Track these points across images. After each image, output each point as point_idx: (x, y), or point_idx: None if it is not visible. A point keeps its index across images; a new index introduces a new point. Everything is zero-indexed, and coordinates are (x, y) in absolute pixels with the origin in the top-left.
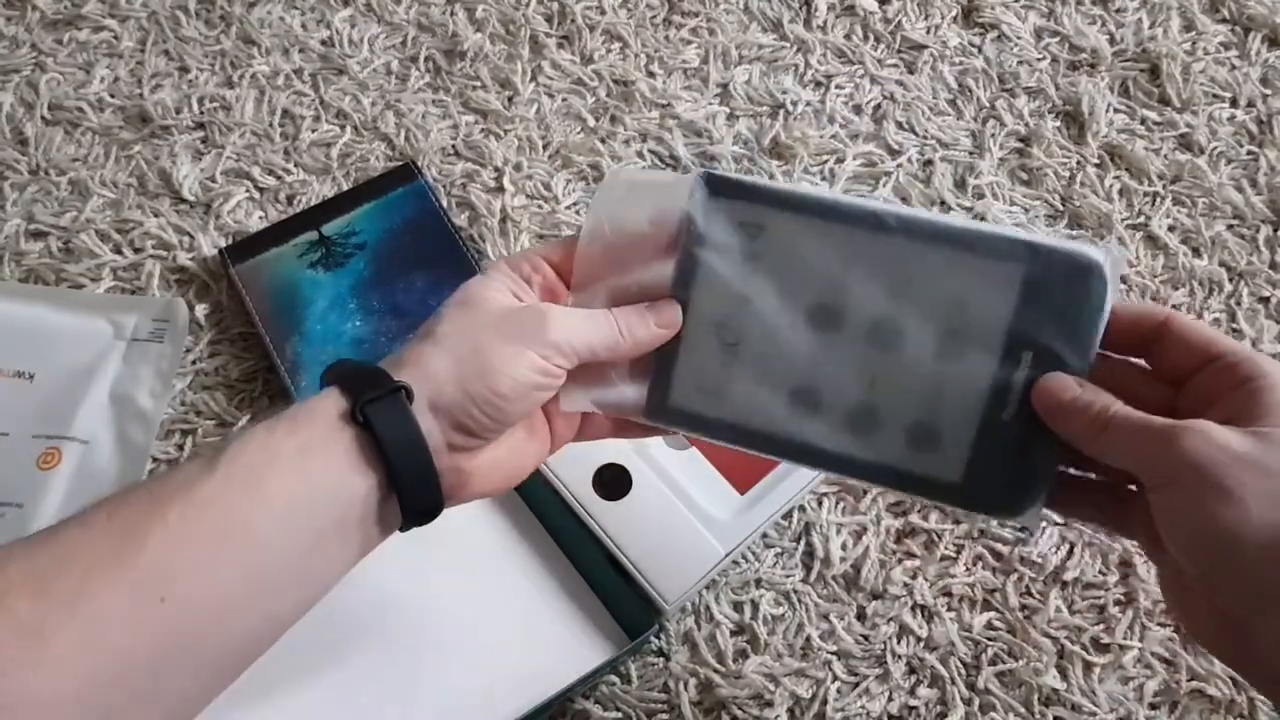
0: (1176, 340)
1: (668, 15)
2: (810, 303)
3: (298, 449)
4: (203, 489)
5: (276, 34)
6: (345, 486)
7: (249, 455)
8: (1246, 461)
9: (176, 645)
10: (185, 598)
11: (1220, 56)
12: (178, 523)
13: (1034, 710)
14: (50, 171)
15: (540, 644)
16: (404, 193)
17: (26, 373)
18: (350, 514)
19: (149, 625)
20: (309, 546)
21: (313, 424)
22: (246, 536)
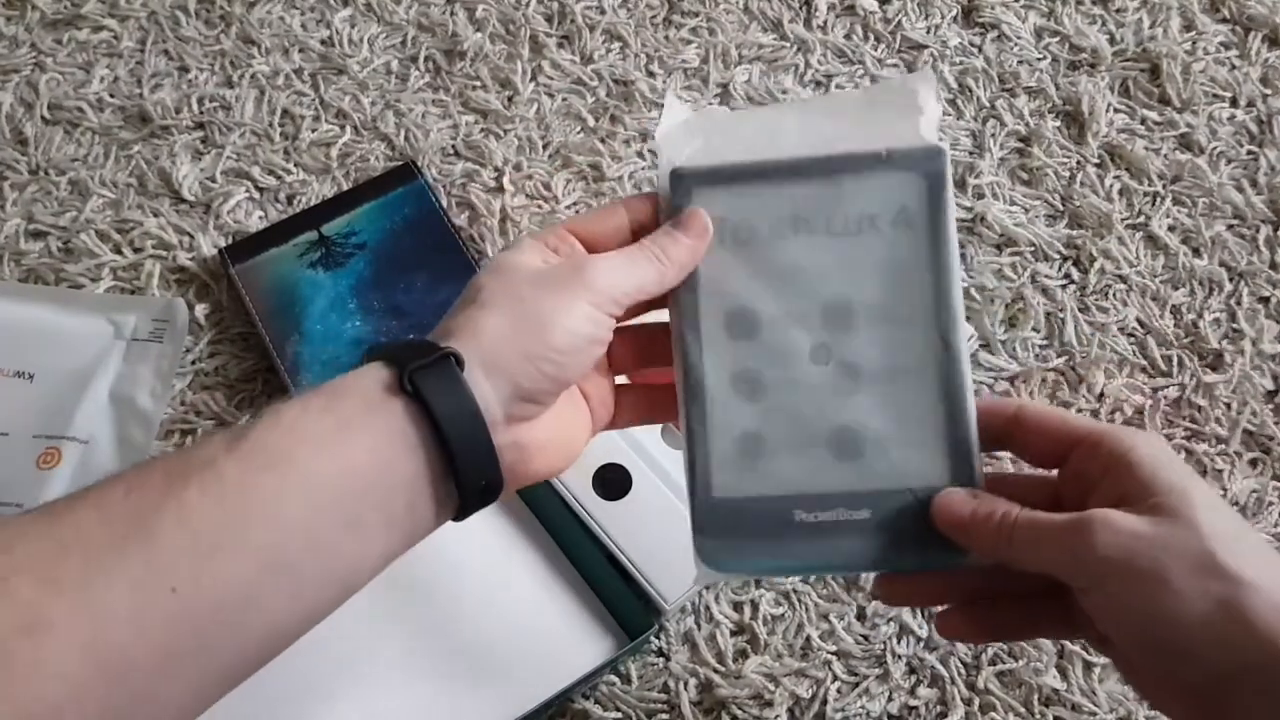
0: (1033, 431)
1: (668, 15)
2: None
3: (336, 425)
4: (225, 468)
5: (276, 34)
6: (391, 467)
7: (279, 433)
8: (1161, 543)
9: (188, 639)
10: (197, 589)
11: (1220, 56)
12: (195, 504)
13: (1034, 710)
14: (50, 171)
15: (540, 643)
16: (404, 193)
17: (26, 373)
18: (396, 498)
19: (158, 618)
20: (344, 534)
21: (352, 398)
22: (270, 521)
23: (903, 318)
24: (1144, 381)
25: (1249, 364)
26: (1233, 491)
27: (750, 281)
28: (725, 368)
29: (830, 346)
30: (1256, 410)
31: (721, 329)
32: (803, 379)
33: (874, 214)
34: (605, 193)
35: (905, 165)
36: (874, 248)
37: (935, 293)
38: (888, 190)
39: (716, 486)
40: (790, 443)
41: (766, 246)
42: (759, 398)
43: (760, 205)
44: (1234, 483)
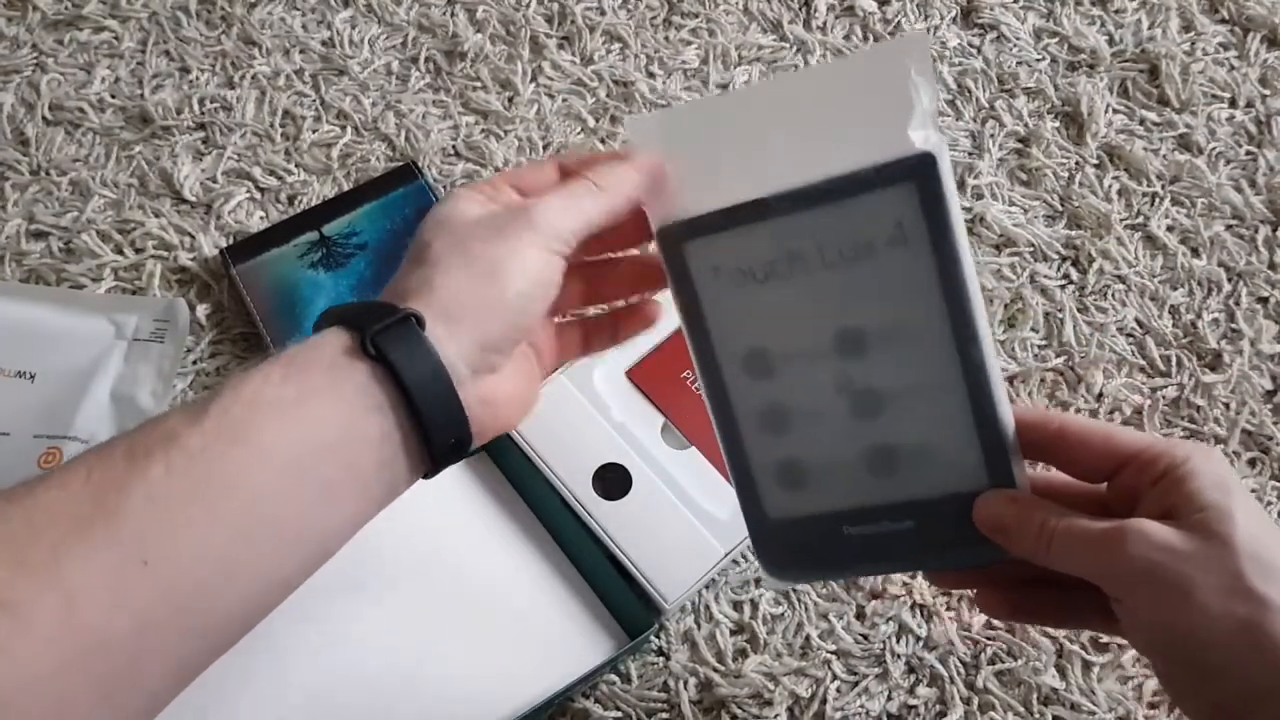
0: (1076, 447)
1: (668, 16)
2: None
3: (298, 395)
4: (189, 441)
5: (277, 35)
6: (358, 430)
7: (241, 406)
8: (1192, 558)
9: (164, 612)
10: (170, 561)
11: (1219, 57)
12: (160, 479)
13: (1033, 709)
14: (51, 172)
15: (540, 643)
16: (404, 193)
17: (27, 373)
18: (366, 460)
19: (132, 593)
20: (316, 499)
21: (314, 365)
22: (237, 491)
23: (915, 336)
24: (1143, 381)
25: (1247, 364)
26: None
27: (758, 322)
28: (752, 406)
29: (849, 373)
30: (1255, 410)
31: (740, 370)
32: (827, 408)
33: (868, 238)
34: None
35: (894, 179)
36: (874, 272)
37: (946, 306)
38: (878, 210)
39: (768, 508)
40: (827, 467)
41: (766, 288)
42: (790, 429)
43: (752, 247)
44: None
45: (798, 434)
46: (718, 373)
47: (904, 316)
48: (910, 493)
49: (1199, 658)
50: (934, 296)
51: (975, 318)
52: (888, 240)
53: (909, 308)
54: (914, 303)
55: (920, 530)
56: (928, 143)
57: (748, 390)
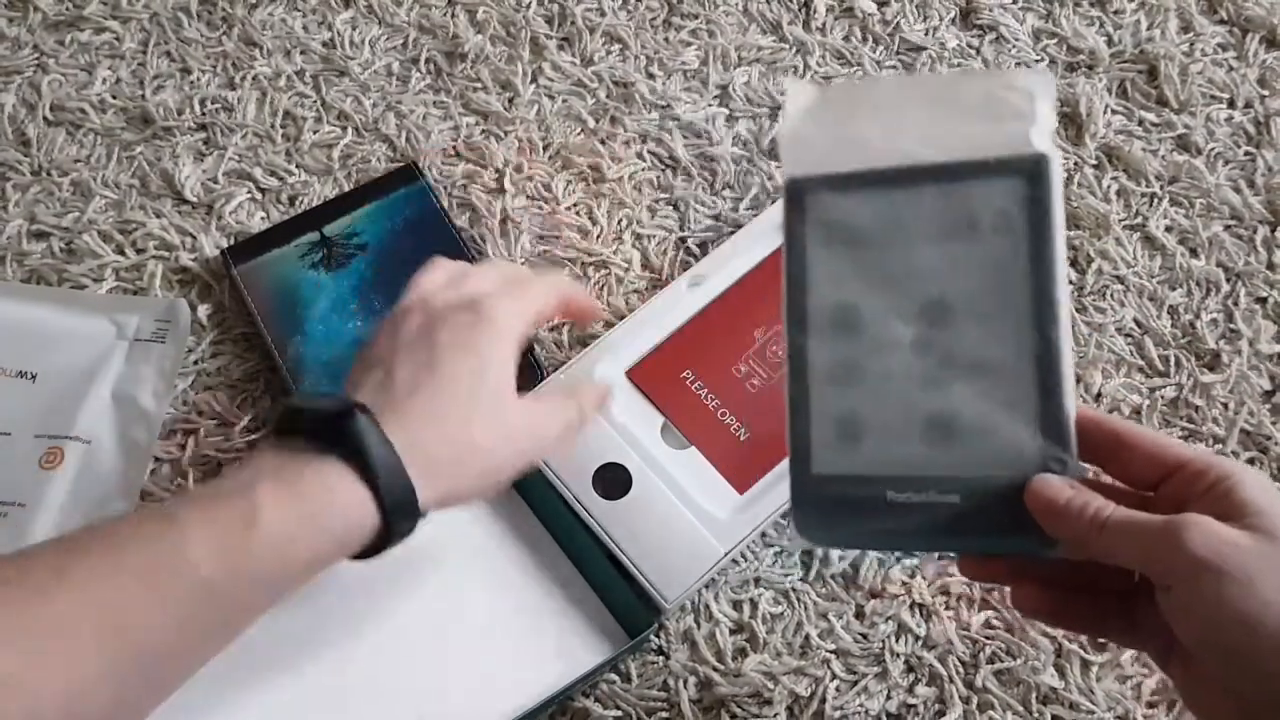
0: (1134, 450)
1: (667, 17)
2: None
3: (310, 559)
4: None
5: (278, 36)
6: (345, 544)
7: (269, 561)
8: (1252, 551)
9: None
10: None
11: (1218, 58)
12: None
13: (1032, 709)
14: (52, 172)
15: (540, 643)
16: (405, 194)
17: (29, 373)
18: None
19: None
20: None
21: (329, 538)
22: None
23: (1000, 315)
24: (1141, 382)
25: (1246, 364)
26: None
27: (856, 280)
28: (828, 356)
29: (930, 340)
30: (1254, 410)
31: (827, 321)
32: (902, 369)
33: (976, 218)
34: (605, 194)
35: (1008, 172)
36: (974, 250)
37: (1034, 292)
38: (989, 196)
39: (815, 463)
40: (887, 427)
41: (873, 248)
42: (859, 384)
43: (869, 210)
44: None
45: (865, 390)
46: (803, 321)
47: (992, 296)
48: (963, 467)
49: (1252, 646)
50: (1023, 282)
51: (1059, 308)
52: (991, 225)
53: (998, 288)
54: (1004, 284)
55: (965, 507)
56: (1044, 147)
57: (829, 341)
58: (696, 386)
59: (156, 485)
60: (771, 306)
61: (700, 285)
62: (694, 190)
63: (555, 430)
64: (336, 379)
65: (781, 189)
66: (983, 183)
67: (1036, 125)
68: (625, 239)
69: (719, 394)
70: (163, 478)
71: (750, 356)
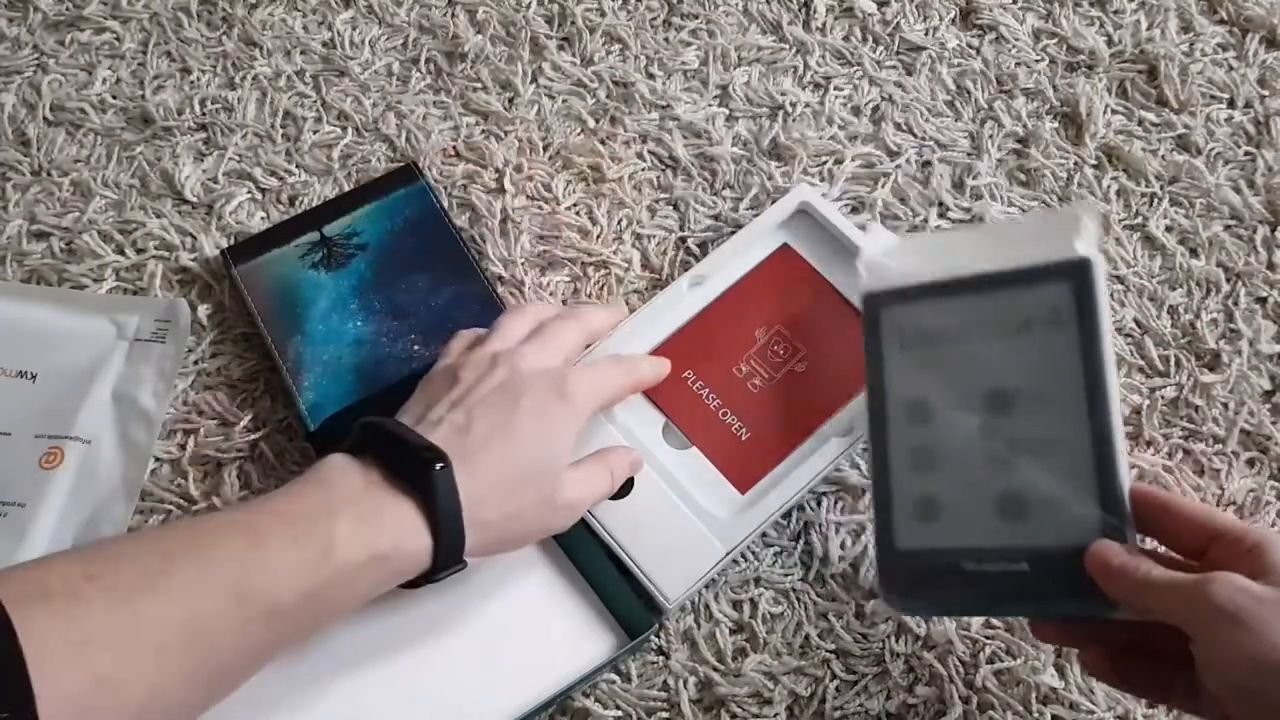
0: (1180, 521)
1: (667, 17)
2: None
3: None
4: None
5: (278, 36)
6: (398, 579)
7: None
8: (1268, 601)
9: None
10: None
11: (1218, 58)
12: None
13: (1032, 709)
14: (52, 172)
15: (540, 642)
16: (405, 194)
17: (29, 373)
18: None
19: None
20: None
21: (398, 566)
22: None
23: (1058, 401)
24: (1141, 381)
25: (1246, 364)
26: (1230, 491)
27: (925, 376)
28: (906, 446)
29: (995, 426)
30: (1254, 410)
31: (903, 416)
32: (971, 454)
33: (1030, 316)
34: (605, 194)
35: (1057, 274)
36: (1031, 344)
37: (1087, 379)
38: (1041, 296)
39: (899, 539)
40: (960, 505)
41: (940, 349)
42: (934, 469)
43: (934, 315)
44: (1231, 482)
45: (940, 474)
46: (883, 415)
47: (1049, 384)
48: (1031, 538)
49: (1266, 688)
50: (1076, 371)
51: (1109, 394)
52: (1045, 321)
53: (1054, 377)
54: (1058, 373)
55: (1034, 574)
56: (1088, 252)
57: (905, 432)
58: (697, 386)
59: (156, 485)
60: (772, 306)
61: (701, 285)
62: (694, 190)
63: (590, 502)
64: (336, 379)
65: (860, 302)
66: (1035, 285)
67: (1081, 236)
68: (625, 239)
69: (720, 394)
70: (163, 478)
71: (751, 356)
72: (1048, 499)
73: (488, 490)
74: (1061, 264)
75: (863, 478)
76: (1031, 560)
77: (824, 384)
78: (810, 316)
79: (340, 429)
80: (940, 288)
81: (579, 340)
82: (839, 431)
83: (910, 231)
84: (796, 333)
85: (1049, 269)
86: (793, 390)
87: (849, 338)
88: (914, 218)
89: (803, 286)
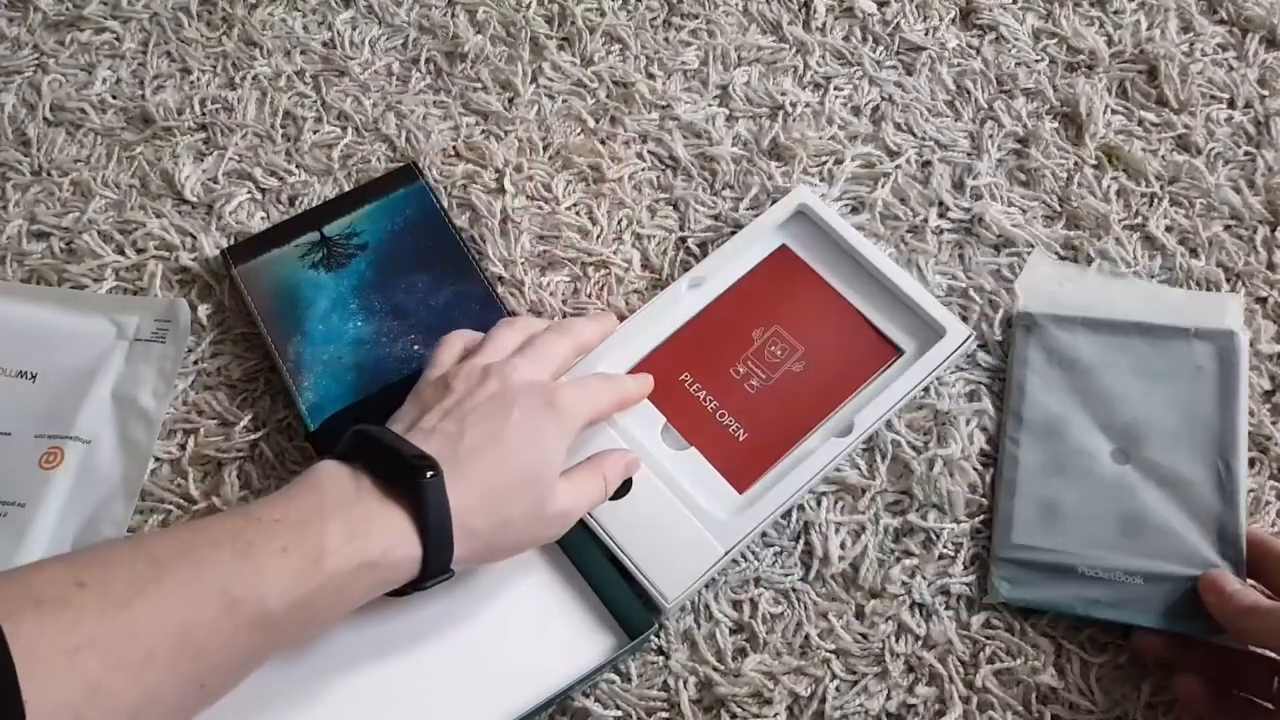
0: (1273, 565)
1: (667, 17)
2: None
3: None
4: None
5: (278, 36)
6: (386, 587)
7: (330, 594)
8: None
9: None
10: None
11: (1218, 58)
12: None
13: (1032, 709)
14: (52, 172)
15: (539, 643)
16: (405, 194)
17: (29, 373)
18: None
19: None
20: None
21: (391, 570)
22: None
23: (1191, 443)
24: None
25: (1246, 364)
26: None
27: (1068, 396)
28: (1037, 452)
29: (1127, 452)
30: (1254, 410)
31: (1040, 424)
32: (1099, 471)
33: (1174, 368)
34: (605, 194)
35: (1205, 338)
36: (1171, 390)
37: (1221, 429)
38: (1188, 353)
39: (1018, 534)
40: (1081, 515)
41: (1085, 375)
42: (1060, 478)
43: (1087, 346)
44: None
45: (1065, 483)
46: (1020, 421)
47: (1185, 426)
48: (1148, 557)
49: None
50: (1212, 420)
51: (1238, 446)
52: (1189, 375)
53: (1191, 421)
54: (1195, 419)
55: (1146, 589)
56: (1237, 328)
57: (1038, 440)
58: (695, 388)
59: (156, 485)
60: (769, 308)
61: (699, 286)
62: (694, 190)
63: (581, 512)
64: (336, 379)
65: (1016, 321)
66: (1186, 343)
67: (1229, 313)
68: (625, 239)
69: (717, 395)
70: (163, 478)
71: (749, 358)
72: (1168, 527)
73: (478, 500)
74: (1212, 331)
75: (863, 477)
76: (1146, 577)
77: (821, 384)
78: (808, 317)
79: (340, 429)
80: (1096, 323)
81: (568, 353)
82: (837, 432)
83: (1063, 262)
84: (794, 333)
85: (1201, 332)
86: (790, 391)
87: (846, 338)
88: (914, 218)
89: (801, 287)
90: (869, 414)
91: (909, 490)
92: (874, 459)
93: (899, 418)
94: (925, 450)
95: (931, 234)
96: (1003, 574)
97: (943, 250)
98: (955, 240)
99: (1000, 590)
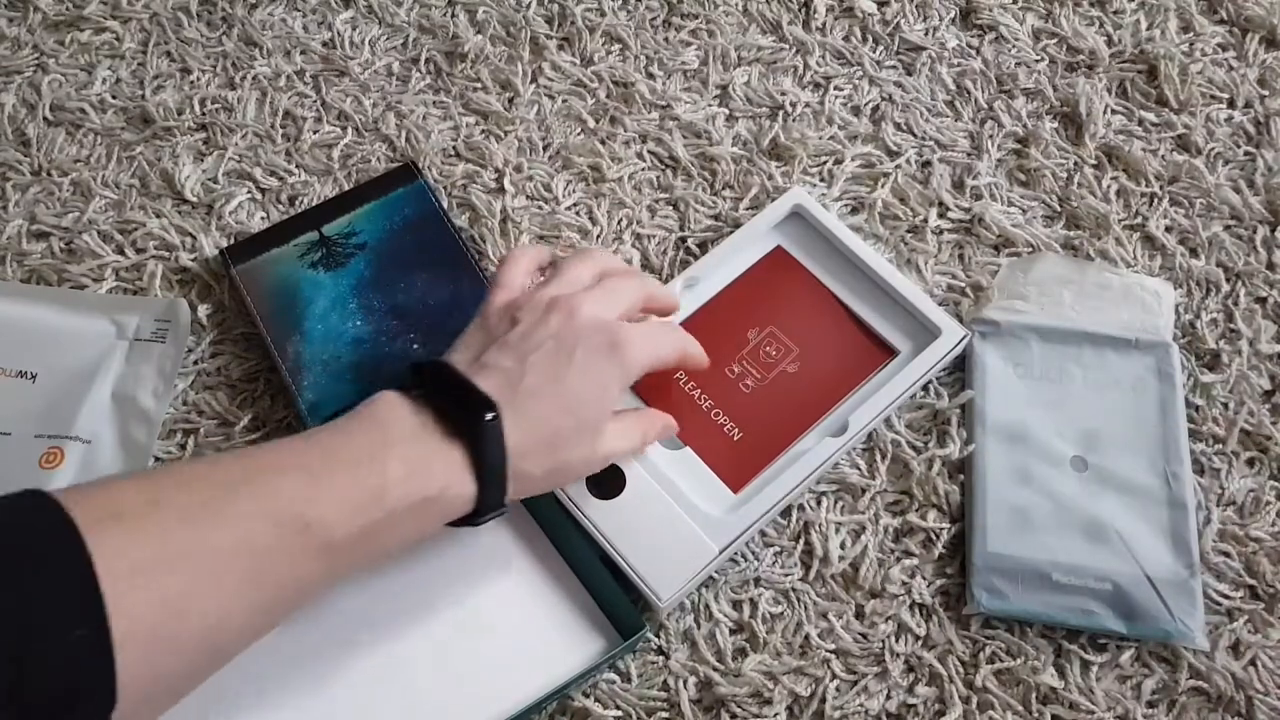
0: None
1: (667, 17)
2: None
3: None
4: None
5: (278, 36)
6: (441, 523)
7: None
8: None
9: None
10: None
11: (1218, 58)
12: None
13: (1032, 709)
14: (52, 172)
15: (533, 642)
16: (404, 193)
17: (29, 373)
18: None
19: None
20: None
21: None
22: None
23: (1140, 450)
24: None
25: (1246, 364)
26: (1230, 491)
27: (1027, 405)
28: (1003, 459)
29: (1085, 459)
30: (1254, 410)
31: (1003, 432)
32: (1062, 478)
33: (1120, 378)
34: (605, 194)
35: (1145, 350)
36: (1119, 400)
37: (1163, 439)
38: (1131, 365)
39: (991, 542)
40: (1049, 522)
41: (1041, 382)
42: (1027, 486)
43: (1040, 353)
44: (1231, 482)
45: (1032, 491)
46: (985, 428)
47: (1133, 434)
48: (1113, 563)
49: None
50: (1155, 429)
51: (1182, 454)
52: (1132, 385)
53: (1137, 430)
54: (1141, 428)
55: (1115, 593)
56: (1170, 339)
57: (1003, 448)
58: (690, 387)
59: None
60: (765, 308)
61: (694, 287)
62: (694, 190)
63: (619, 457)
64: (336, 378)
65: (972, 325)
66: (1128, 355)
67: (1163, 321)
68: (625, 239)
69: (712, 395)
70: None
71: (744, 358)
72: (1129, 532)
73: (534, 445)
74: (1151, 343)
75: (863, 477)
76: (1114, 580)
77: (816, 385)
78: (803, 318)
79: None
80: (1047, 331)
81: (638, 299)
82: (832, 431)
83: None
84: (789, 334)
85: (1141, 344)
86: (785, 391)
87: (841, 339)
88: (914, 217)
89: (796, 288)
90: (864, 414)
91: (909, 490)
92: (874, 459)
93: (899, 417)
94: (925, 450)
95: (931, 234)
96: (981, 583)
97: (942, 250)
98: (955, 240)
99: (980, 601)
